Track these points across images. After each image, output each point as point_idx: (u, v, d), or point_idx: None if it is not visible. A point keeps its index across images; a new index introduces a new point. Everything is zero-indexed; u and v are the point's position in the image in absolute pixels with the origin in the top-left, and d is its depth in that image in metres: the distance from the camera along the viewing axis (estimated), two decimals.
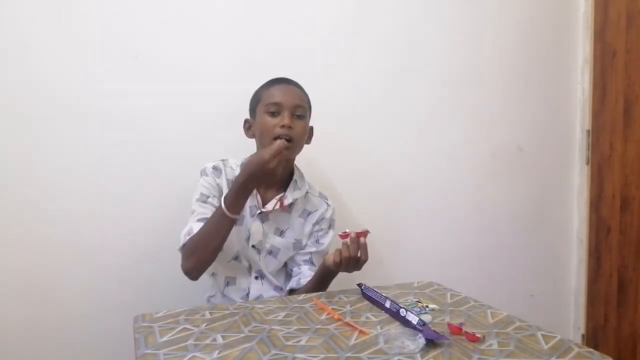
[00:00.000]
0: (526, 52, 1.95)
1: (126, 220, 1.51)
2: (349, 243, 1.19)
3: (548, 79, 2.00)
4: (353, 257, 1.18)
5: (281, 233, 1.37)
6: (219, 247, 1.24)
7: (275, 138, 1.25)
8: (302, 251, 1.40)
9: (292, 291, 1.37)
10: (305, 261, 1.40)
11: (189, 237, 1.26)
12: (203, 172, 1.34)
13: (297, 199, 1.37)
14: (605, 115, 1.95)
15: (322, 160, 1.54)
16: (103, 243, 1.50)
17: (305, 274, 1.37)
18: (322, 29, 1.68)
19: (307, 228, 1.40)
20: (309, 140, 1.38)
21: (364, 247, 1.19)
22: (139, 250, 1.53)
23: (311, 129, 1.38)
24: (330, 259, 1.22)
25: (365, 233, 1.20)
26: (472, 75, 1.88)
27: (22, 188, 1.43)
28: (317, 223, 1.41)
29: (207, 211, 1.29)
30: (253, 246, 1.34)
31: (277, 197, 1.34)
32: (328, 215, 1.42)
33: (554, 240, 2.06)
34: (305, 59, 1.65)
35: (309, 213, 1.41)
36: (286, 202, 1.34)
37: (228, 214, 1.21)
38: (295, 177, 1.38)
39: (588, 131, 2.02)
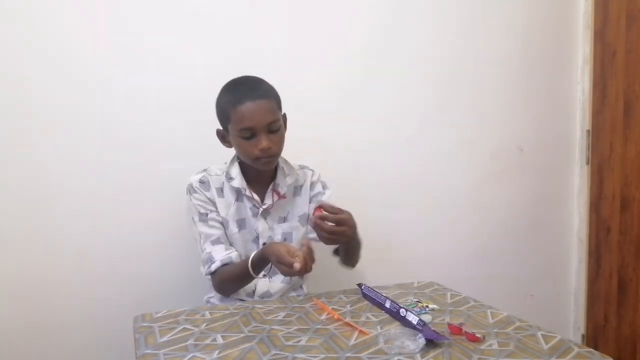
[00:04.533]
0: (526, 52, 1.95)
1: (126, 220, 1.52)
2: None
3: (548, 79, 1.99)
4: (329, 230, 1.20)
5: (284, 219, 1.38)
6: (246, 285, 1.32)
7: (257, 158, 1.25)
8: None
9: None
10: None
11: (213, 265, 1.27)
12: (191, 190, 1.33)
13: (290, 184, 1.38)
14: (605, 115, 1.95)
15: (322, 161, 1.53)
16: (103, 243, 1.50)
17: None
18: (321, 30, 1.67)
19: (305, 199, 1.41)
20: (284, 129, 1.34)
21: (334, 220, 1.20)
22: (139, 250, 1.53)
23: (284, 116, 1.34)
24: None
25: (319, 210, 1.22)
26: (472, 75, 1.88)
27: (22, 189, 1.43)
28: (311, 189, 1.42)
29: (214, 230, 1.31)
30: (264, 244, 1.33)
31: (270, 188, 1.34)
32: (316, 177, 1.44)
33: (554, 240, 2.06)
34: (304, 60, 1.65)
35: (300, 187, 1.41)
36: (281, 190, 1.35)
37: (254, 274, 1.24)
38: (280, 164, 1.37)
39: (588, 131, 2.02)
